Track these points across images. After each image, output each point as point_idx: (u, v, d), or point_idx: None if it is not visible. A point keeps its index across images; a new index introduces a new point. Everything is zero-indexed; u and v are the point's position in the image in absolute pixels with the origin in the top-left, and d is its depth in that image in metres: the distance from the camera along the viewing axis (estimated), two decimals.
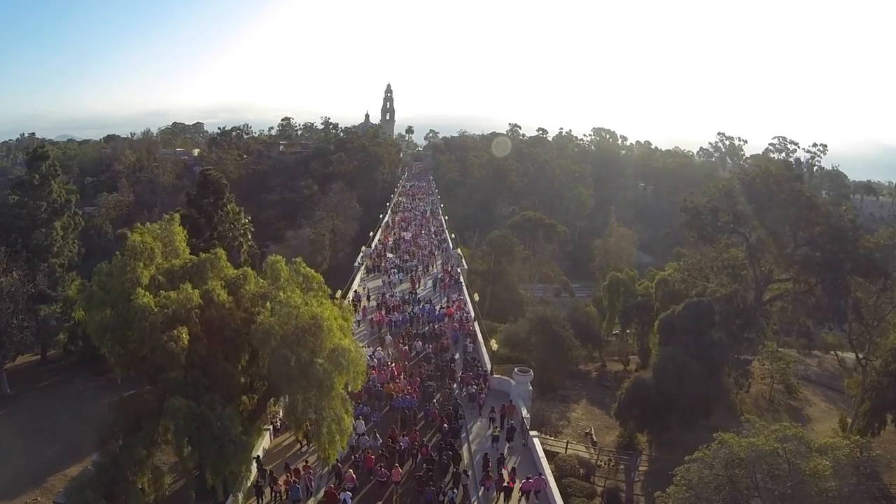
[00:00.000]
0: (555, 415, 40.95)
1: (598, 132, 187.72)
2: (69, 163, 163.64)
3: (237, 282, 25.92)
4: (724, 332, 37.19)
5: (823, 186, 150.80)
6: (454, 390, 34.19)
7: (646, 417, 33.22)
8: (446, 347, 40.74)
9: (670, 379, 32.84)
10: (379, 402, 32.72)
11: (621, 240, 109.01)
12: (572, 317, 50.42)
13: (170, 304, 23.83)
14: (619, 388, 46.95)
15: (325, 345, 21.07)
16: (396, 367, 36.12)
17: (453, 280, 57.83)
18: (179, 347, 22.71)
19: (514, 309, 74.52)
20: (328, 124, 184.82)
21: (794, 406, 54.59)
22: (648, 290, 51.91)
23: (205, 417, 21.92)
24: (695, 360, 33.28)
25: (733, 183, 45.86)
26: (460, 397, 33.47)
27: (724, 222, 46.08)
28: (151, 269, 26.83)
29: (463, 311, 47.86)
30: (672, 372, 32.76)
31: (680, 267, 47.75)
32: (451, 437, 28.62)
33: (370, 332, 44.45)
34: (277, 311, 21.66)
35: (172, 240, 28.49)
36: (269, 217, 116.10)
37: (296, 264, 27.04)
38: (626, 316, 51.57)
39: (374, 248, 69.84)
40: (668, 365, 32.78)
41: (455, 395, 33.43)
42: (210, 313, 24.34)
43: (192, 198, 49.85)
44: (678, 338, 33.82)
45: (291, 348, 20.69)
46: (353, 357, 21.36)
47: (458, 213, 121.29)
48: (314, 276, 25.66)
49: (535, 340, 46.16)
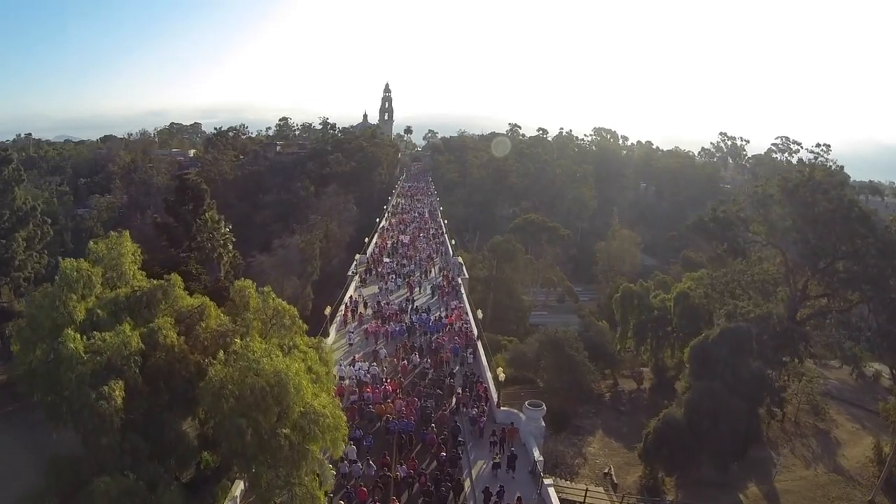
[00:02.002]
0: (569, 451, 35.96)
1: (599, 132, 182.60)
2: (63, 164, 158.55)
3: (193, 317, 20.83)
4: (762, 359, 32.23)
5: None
6: (453, 411, 30.49)
7: (675, 460, 28.32)
8: (445, 361, 37.23)
9: (705, 417, 27.89)
10: (372, 425, 29.27)
11: (624, 242, 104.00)
12: (584, 334, 45.36)
13: (104, 348, 18.74)
14: (635, 411, 42.00)
15: (292, 408, 16.01)
16: (391, 385, 32.76)
17: (453, 289, 53.26)
18: (112, 407, 17.64)
19: (516, 317, 69.65)
20: (326, 124, 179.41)
21: (821, 428, 49.65)
22: (664, 303, 46.92)
23: (143, 499, 16.87)
24: (732, 394, 28.30)
25: (770, 190, 40.75)
26: (460, 420, 29.90)
27: (755, 233, 41.01)
28: (91, 300, 21.67)
29: (463, 321, 44.19)
30: (707, 409, 27.80)
31: (703, 280, 42.81)
32: (450, 467, 25.52)
33: (365, 342, 40.90)
34: (234, 363, 16.55)
35: (119, 263, 23.29)
36: (265, 219, 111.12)
37: (265, 294, 21.88)
38: (640, 331, 46.59)
39: (371, 255, 65.45)
40: (702, 401, 27.83)
41: (454, 418, 29.75)
42: (156, 359, 19.27)
43: (170, 204, 44.67)
44: (712, 368, 28.86)
45: (249, 415, 15.61)
46: (328, 424, 16.26)
47: (458, 215, 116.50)
48: (286, 310, 20.62)
49: (544, 363, 41.17)
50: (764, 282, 39.98)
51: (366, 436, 27.60)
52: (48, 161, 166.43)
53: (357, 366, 35.15)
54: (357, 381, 33.54)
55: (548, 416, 29.55)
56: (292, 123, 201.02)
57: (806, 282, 39.34)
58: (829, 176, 38.58)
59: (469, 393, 32.84)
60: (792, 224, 37.90)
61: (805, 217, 36.18)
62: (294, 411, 16.03)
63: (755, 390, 29.04)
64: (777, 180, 41.39)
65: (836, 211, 35.08)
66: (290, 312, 20.75)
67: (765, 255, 41.75)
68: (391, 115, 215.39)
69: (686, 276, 48.79)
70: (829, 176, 38.58)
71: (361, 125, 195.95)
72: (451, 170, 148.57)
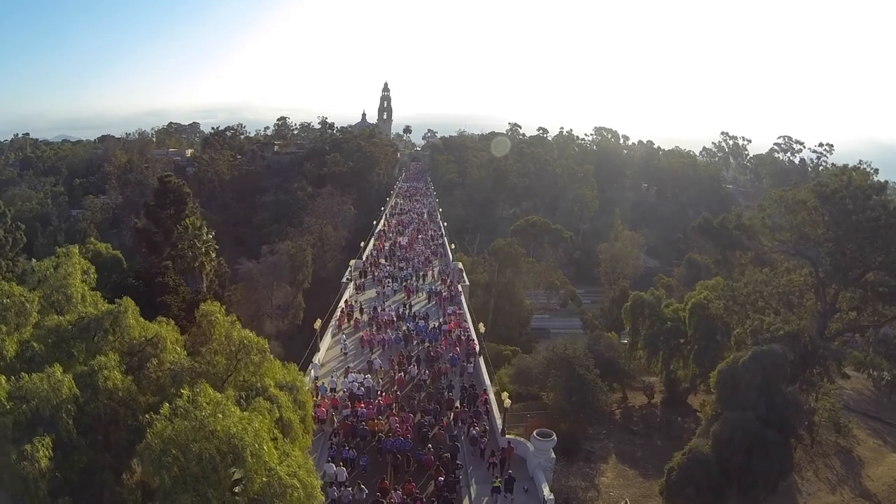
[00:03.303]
0: (581, 483, 32.52)
1: (600, 131, 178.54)
2: (59, 164, 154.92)
3: (146, 352, 17.33)
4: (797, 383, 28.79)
5: None
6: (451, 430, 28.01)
7: (703, 498, 24.93)
8: (444, 372, 34.73)
9: (736, 452, 24.51)
10: (365, 443, 27.07)
11: (627, 244, 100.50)
12: (594, 348, 41.83)
13: (31, 395, 15.25)
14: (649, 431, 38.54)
15: (253, 478, 12.55)
16: (386, 399, 30.61)
17: (452, 297, 50.18)
18: (36, 470, 14.15)
19: (519, 324, 66.16)
20: (325, 124, 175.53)
21: (843, 446, 46.16)
22: (678, 313, 43.44)
23: None
24: (766, 425, 24.90)
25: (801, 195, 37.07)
26: (458, 439, 27.58)
27: (781, 241, 37.42)
28: (27, 330, 18.18)
29: (462, 329, 41.64)
30: (740, 443, 24.41)
31: (722, 291, 39.31)
32: (448, 492, 23.47)
33: (360, 351, 38.42)
34: (179, 420, 13.05)
35: (67, 284, 19.78)
36: (263, 220, 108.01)
37: (232, 325, 18.34)
38: (652, 343, 43.13)
39: (367, 258, 62.37)
40: (734, 435, 24.43)
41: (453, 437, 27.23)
42: (95, 406, 15.78)
43: (150, 209, 41.10)
44: (743, 396, 25.46)
45: (196, 489, 12.15)
46: (297, 497, 12.75)
47: (458, 215, 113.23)
48: (253, 343, 17.13)
49: (552, 382, 37.70)
50: (789, 293, 36.51)
51: (360, 455, 25.61)
52: (44, 161, 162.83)
53: (351, 377, 32.74)
54: (350, 393, 31.14)
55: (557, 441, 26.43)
56: (291, 123, 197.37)
57: (836, 294, 35.87)
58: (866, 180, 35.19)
59: (469, 408, 30.47)
60: (826, 232, 34.40)
61: (842, 225, 32.70)
62: (256, 481, 12.59)
63: (790, 420, 25.74)
64: (811, 185, 37.85)
65: (878, 219, 31.64)
66: (258, 346, 17.21)
67: (791, 265, 38.26)
68: (390, 114, 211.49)
69: (699, 284, 45.34)
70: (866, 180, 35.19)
71: (360, 125, 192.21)
72: (450, 170, 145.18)
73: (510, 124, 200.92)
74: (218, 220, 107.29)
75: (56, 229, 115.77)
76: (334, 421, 28.78)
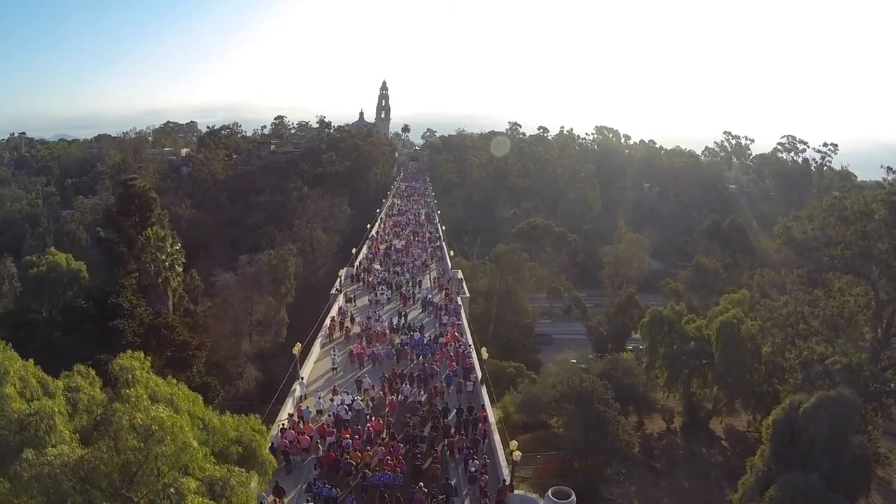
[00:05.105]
0: None
1: (601, 131, 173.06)
2: (51, 163, 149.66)
3: (23, 440, 12.06)
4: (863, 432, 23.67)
5: (833, 188, 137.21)
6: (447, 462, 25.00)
7: None
8: (440, 392, 30.94)
9: None
10: (349, 478, 23.43)
11: (632, 246, 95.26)
12: (610, 373, 36.61)
13: None
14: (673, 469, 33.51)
15: None
16: (375, 425, 26.95)
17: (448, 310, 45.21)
18: None
19: (522, 334, 61.10)
20: (322, 123, 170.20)
21: (882, 477, 41.05)
22: (701, 331, 38.25)
23: None
24: (832, 488, 19.79)
25: (867, 206, 31.75)
26: (454, 473, 24.34)
27: (832, 257, 32.01)
28: None
29: (460, 342, 37.72)
30: None
31: (757, 310, 34.09)
32: None
33: (350, 366, 34.71)
34: None
35: None
36: (257, 220, 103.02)
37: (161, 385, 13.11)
38: (674, 365, 37.95)
39: (360, 263, 57.51)
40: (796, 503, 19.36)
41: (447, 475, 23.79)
42: None
43: (112, 216, 35.78)
44: (806, 452, 20.40)
45: None
46: None
47: (457, 216, 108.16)
48: (185, 399, 11.89)
49: (565, 419, 32.49)
50: (837, 316, 31.25)
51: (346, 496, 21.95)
52: (38, 161, 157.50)
53: (338, 399, 28.80)
54: (336, 418, 27.33)
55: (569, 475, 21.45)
56: (288, 122, 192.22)
57: (891, 318, 30.56)
58: None
59: (467, 436, 26.63)
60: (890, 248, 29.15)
61: None
62: None
63: (859, 479, 20.77)
64: (879, 193, 32.62)
65: None
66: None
67: (843, 284, 32.97)
68: (388, 113, 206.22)
69: (723, 298, 40.31)
70: None
71: (358, 124, 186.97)
72: (449, 169, 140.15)
73: (510, 123, 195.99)
74: (212, 220, 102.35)
75: (45, 230, 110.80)
76: (319, 449, 25.35)
